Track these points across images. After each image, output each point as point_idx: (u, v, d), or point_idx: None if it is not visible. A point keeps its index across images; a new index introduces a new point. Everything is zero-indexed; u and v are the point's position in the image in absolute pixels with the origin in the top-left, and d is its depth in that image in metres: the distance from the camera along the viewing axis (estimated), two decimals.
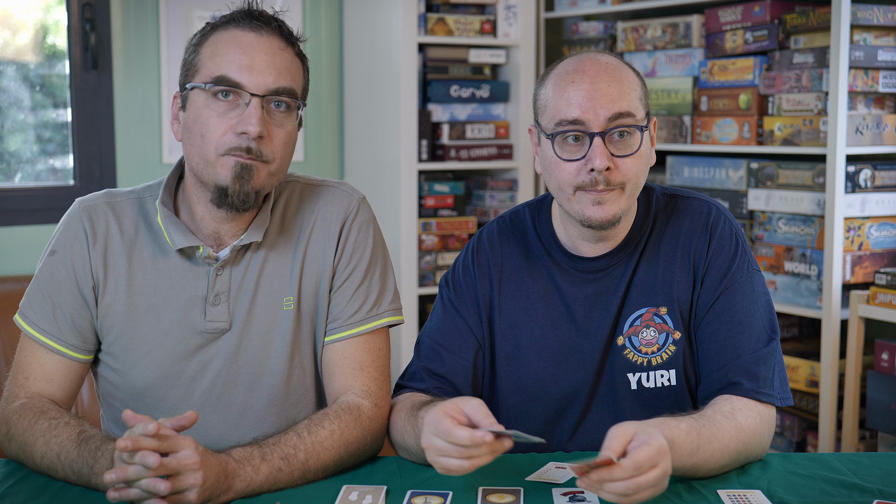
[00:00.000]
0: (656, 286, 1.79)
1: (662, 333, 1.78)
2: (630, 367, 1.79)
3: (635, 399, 1.79)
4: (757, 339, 1.75)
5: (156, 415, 1.76)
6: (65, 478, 1.61)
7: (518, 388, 1.84)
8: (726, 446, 1.63)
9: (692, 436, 1.58)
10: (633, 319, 1.79)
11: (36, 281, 1.80)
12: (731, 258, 1.79)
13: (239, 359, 1.78)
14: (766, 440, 1.72)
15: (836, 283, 3.17)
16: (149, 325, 1.77)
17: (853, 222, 3.19)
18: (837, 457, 1.78)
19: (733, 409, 1.67)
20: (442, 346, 1.84)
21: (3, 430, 1.72)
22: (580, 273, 1.82)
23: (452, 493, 1.58)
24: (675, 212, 1.83)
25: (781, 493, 1.59)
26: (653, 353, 1.78)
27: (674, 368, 1.78)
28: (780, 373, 1.77)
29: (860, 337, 3.16)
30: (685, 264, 1.79)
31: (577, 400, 1.82)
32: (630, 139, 1.72)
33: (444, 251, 3.91)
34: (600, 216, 1.72)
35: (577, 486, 1.48)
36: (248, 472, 1.57)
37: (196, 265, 1.78)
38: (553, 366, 1.81)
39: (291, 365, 1.81)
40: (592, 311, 1.80)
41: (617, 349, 1.80)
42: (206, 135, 1.69)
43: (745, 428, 1.66)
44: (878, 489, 1.61)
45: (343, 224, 1.83)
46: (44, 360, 1.77)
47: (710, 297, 1.78)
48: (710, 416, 1.64)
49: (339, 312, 1.82)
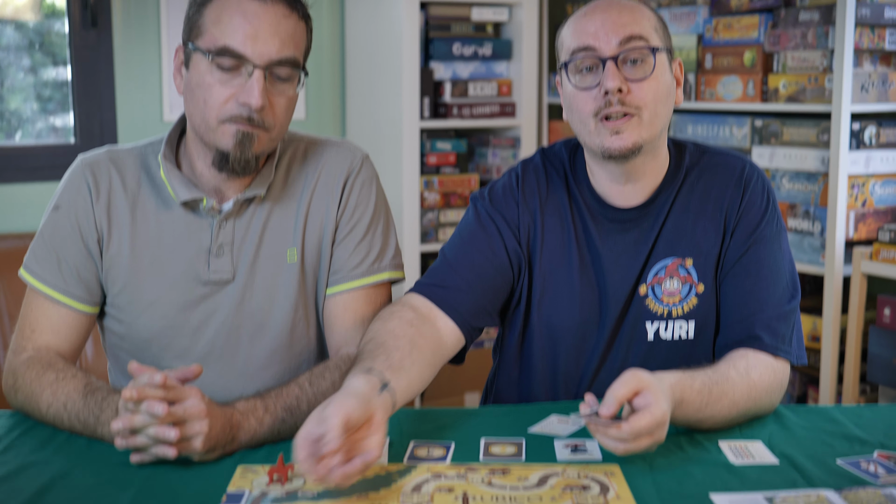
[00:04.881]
0: (684, 238, 1.79)
1: (686, 285, 1.79)
2: (649, 316, 1.79)
3: (650, 351, 1.79)
4: (780, 296, 1.76)
5: (161, 365, 1.78)
6: (70, 428, 1.62)
7: (548, 327, 1.83)
8: (736, 403, 1.63)
9: (703, 394, 1.59)
10: (658, 269, 1.79)
11: (40, 235, 1.80)
12: (763, 213, 1.79)
13: (243, 310, 1.79)
14: (777, 397, 1.72)
15: (840, 239, 3.16)
16: (153, 277, 1.78)
17: (857, 179, 3.18)
18: (839, 409, 1.79)
19: (748, 365, 1.68)
20: (470, 246, 1.81)
21: (9, 382, 1.74)
22: (609, 222, 1.81)
23: (455, 445, 1.59)
24: (709, 166, 1.83)
25: (783, 444, 1.60)
26: (674, 303, 1.79)
27: (693, 320, 1.79)
28: (798, 332, 1.78)
29: (862, 293, 3.17)
30: (716, 217, 1.79)
31: (595, 346, 1.82)
32: (643, 64, 1.71)
33: (446, 208, 3.91)
34: (619, 146, 1.70)
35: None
36: (251, 423, 1.58)
37: (199, 217, 1.78)
38: (580, 309, 1.81)
39: (295, 317, 1.82)
40: (619, 259, 1.80)
41: (639, 298, 1.80)
42: (209, 101, 1.69)
43: (758, 385, 1.67)
44: (878, 441, 1.62)
45: (346, 180, 1.83)
46: (50, 313, 1.78)
47: (738, 251, 1.78)
48: (724, 372, 1.64)
49: (341, 265, 1.82)
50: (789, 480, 1.46)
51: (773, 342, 1.72)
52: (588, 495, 1.39)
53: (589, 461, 1.53)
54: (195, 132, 1.75)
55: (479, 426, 1.68)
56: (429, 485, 1.43)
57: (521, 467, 1.50)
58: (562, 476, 1.46)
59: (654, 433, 1.46)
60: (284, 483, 1.43)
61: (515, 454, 1.55)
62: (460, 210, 3.94)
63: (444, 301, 1.78)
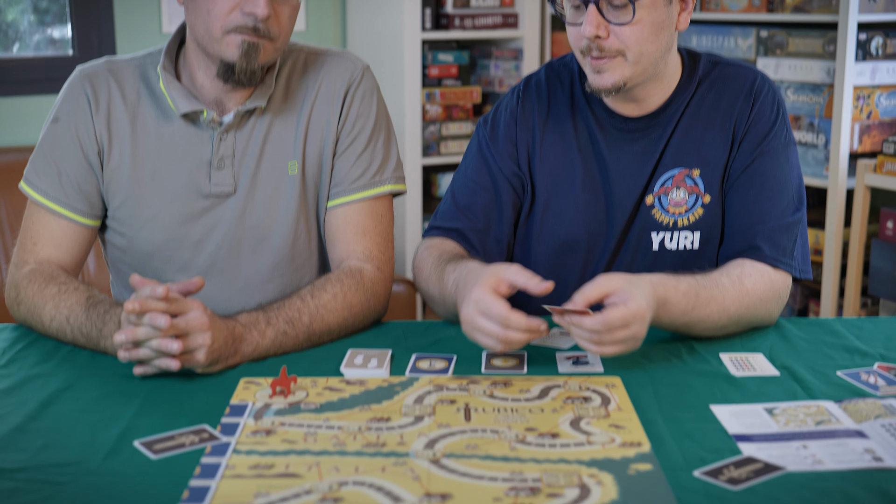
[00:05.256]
0: (692, 148, 1.79)
1: (692, 195, 1.78)
2: (655, 227, 1.79)
3: (655, 260, 1.80)
4: (784, 208, 1.75)
5: (163, 279, 1.78)
6: (73, 341, 1.63)
7: (552, 238, 1.84)
8: (725, 309, 1.64)
9: (689, 296, 1.60)
10: (665, 180, 1.79)
11: (40, 148, 1.79)
12: (771, 125, 1.78)
13: (244, 222, 1.79)
14: (775, 308, 1.72)
15: (844, 152, 3.15)
16: (154, 189, 1.78)
17: (863, 91, 3.15)
18: (840, 321, 1.79)
19: (742, 273, 1.68)
20: (477, 184, 1.85)
21: (12, 295, 1.74)
22: (618, 132, 1.80)
23: (457, 357, 1.59)
24: (720, 77, 1.81)
25: (783, 356, 1.61)
26: (680, 214, 1.78)
27: (698, 231, 1.79)
28: (803, 246, 1.78)
29: (865, 206, 3.16)
30: (725, 127, 1.78)
31: (601, 257, 1.82)
32: (625, 9, 1.67)
33: (447, 121, 3.88)
34: (599, 84, 1.70)
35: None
36: (254, 335, 1.58)
37: (200, 130, 1.77)
38: (583, 219, 1.82)
39: (297, 229, 1.81)
40: (627, 168, 1.80)
41: (645, 208, 1.80)
42: (213, 11, 1.66)
43: (751, 293, 1.67)
44: (879, 353, 1.63)
45: (347, 91, 1.81)
46: (52, 226, 1.77)
47: (744, 161, 1.77)
48: (715, 278, 1.65)
49: (342, 177, 1.81)
50: (789, 392, 1.46)
51: (772, 253, 1.72)
52: (589, 407, 1.40)
53: (590, 373, 1.53)
54: (197, 43, 1.72)
55: None
56: (431, 397, 1.44)
57: (522, 380, 1.51)
58: (563, 388, 1.47)
59: (630, 327, 1.46)
60: (287, 395, 1.44)
61: (517, 366, 1.56)
62: (462, 123, 3.91)
63: (466, 242, 1.82)
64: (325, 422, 1.36)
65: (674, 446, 1.28)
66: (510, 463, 1.23)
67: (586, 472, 1.20)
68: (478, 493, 1.15)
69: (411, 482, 1.18)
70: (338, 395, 1.45)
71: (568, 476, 1.19)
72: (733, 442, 1.29)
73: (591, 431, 1.32)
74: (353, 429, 1.33)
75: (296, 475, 1.20)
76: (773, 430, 1.33)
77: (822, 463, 1.23)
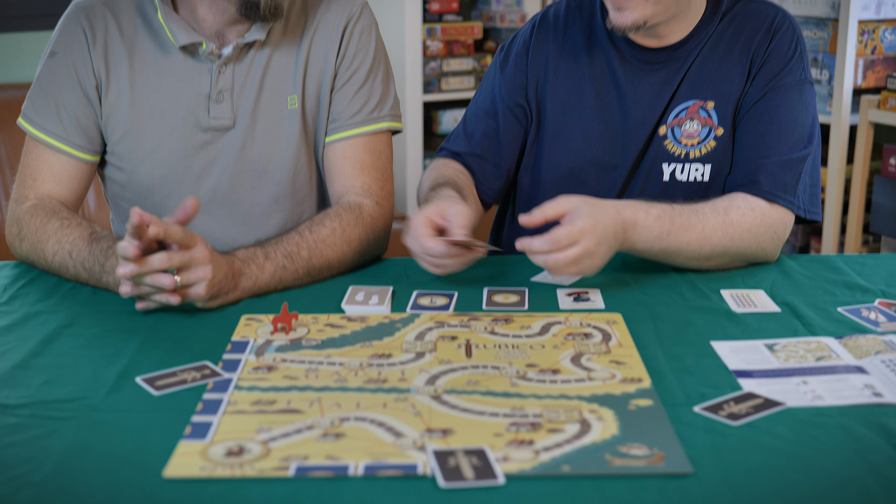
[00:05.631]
0: (708, 80, 1.78)
1: (705, 128, 1.78)
2: (667, 158, 1.79)
3: (665, 191, 1.79)
4: (791, 145, 1.74)
5: (162, 213, 1.77)
6: (76, 276, 1.63)
7: (560, 166, 1.86)
8: (707, 238, 1.64)
9: (662, 221, 1.61)
10: (679, 111, 1.78)
11: (38, 83, 1.78)
12: (787, 61, 1.77)
13: (244, 156, 1.78)
14: (769, 244, 1.72)
15: (847, 87, 3.12)
16: (153, 123, 1.77)
17: (867, 25, 3.12)
18: (842, 258, 1.79)
19: (730, 205, 1.68)
20: (483, 110, 1.90)
21: (14, 231, 1.74)
22: (639, 63, 1.81)
23: (458, 294, 1.59)
24: (742, 13, 1.81)
25: (784, 293, 1.61)
26: (692, 145, 1.78)
27: (710, 164, 1.78)
28: (813, 187, 1.77)
29: (868, 142, 3.14)
30: (742, 61, 1.78)
31: (611, 187, 1.83)
32: None
33: (448, 57, 3.85)
34: (620, 21, 1.71)
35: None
36: (253, 270, 1.58)
37: (199, 62, 1.76)
38: (596, 149, 1.82)
39: (297, 164, 1.81)
40: (643, 98, 1.80)
41: (658, 139, 1.80)
42: None
43: (736, 224, 1.66)
44: (880, 289, 1.63)
45: (346, 26, 1.80)
46: (51, 161, 1.76)
47: (756, 95, 1.76)
48: (698, 207, 1.66)
49: (340, 112, 1.81)
50: (790, 328, 1.47)
51: (770, 188, 1.71)
52: (590, 343, 1.41)
53: (591, 310, 1.54)
54: None
55: (482, 276, 1.68)
56: (432, 333, 1.44)
57: (523, 316, 1.51)
58: (564, 324, 1.48)
59: (580, 243, 1.49)
60: (288, 332, 1.44)
61: (518, 303, 1.56)
62: (463, 59, 3.88)
63: (466, 168, 1.89)
64: (327, 358, 1.36)
65: (674, 382, 1.28)
66: (511, 399, 1.23)
67: (587, 408, 1.21)
68: (478, 429, 1.16)
69: (412, 418, 1.19)
70: (339, 331, 1.45)
71: (568, 412, 1.20)
72: (733, 378, 1.30)
73: (591, 367, 1.32)
74: (354, 365, 1.33)
75: (297, 411, 1.20)
76: (774, 366, 1.33)
77: (822, 399, 1.23)
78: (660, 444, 1.12)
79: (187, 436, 1.14)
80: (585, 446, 1.12)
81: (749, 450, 1.11)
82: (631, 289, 1.62)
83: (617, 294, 1.59)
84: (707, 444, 1.12)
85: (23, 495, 1.03)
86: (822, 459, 1.10)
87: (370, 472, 1.07)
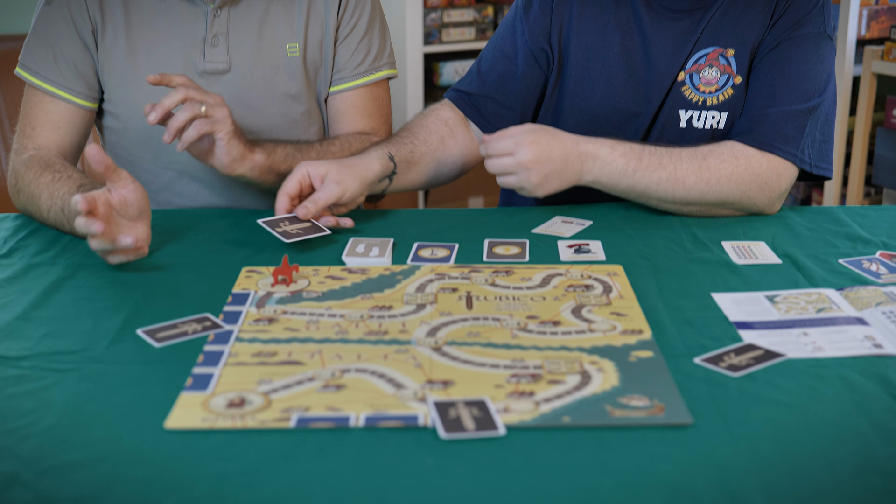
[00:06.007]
0: (729, 28, 1.77)
1: (724, 75, 1.76)
2: (684, 104, 1.78)
3: (681, 138, 1.78)
4: (798, 97, 1.71)
5: (161, 160, 1.78)
6: (72, 231, 1.62)
7: (581, 113, 1.84)
8: (680, 180, 1.66)
9: (629, 158, 1.66)
10: (699, 57, 1.77)
11: (34, 31, 1.77)
12: (808, 12, 1.75)
13: (241, 101, 1.79)
14: (756, 192, 1.69)
15: (851, 38, 3.10)
16: (149, 68, 1.77)
17: None
18: (844, 209, 1.78)
19: (712, 151, 1.68)
20: (502, 52, 1.89)
21: (12, 182, 1.74)
22: (664, 10, 1.79)
23: (458, 246, 1.59)
24: None
25: (786, 244, 1.61)
26: (710, 92, 1.77)
27: (726, 112, 1.77)
28: (822, 142, 1.75)
29: (871, 93, 3.13)
30: (765, 10, 1.76)
31: (633, 135, 1.82)
32: None
33: (449, 8, 3.82)
34: None
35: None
36: (266, 146, 1.69)
37: (194, 6, 1.77)
38: (619, 96, 1.82)
39: (295, 111, 1.83)
40: (668, 47, 1.79)
41: (677, 85, 1.79)
42: None
43: (713, 170, 1.66)
44: (882, 241, 1.62)
45: None
46: (50, 109, 1.76)
47: (772, 43, 1.75)
48: (674, 150, 1.68)
49: (344, 63, 1.85)
50: (791, 280, 1.46)
51: (766, 137, 1.69)
52: (591, 295, 1.41)
53: (592, 262, 1.53)
54: None
55: (483, 228, 1.68)
56: (432, 285, 1.44)
57: (524, 268, 1.51)
58: (565, 276, 1.47)
59: (515, 153, 1.60)
60: (289, 284, 1.44)
61: (519, 255, 1.56)
62: (464, 10, 3.85)
63: (475, 110, 1.88)
64: (327, 310, 1.36)
65: (675, 334, 1.28)
66: (512, 350, 1.24)
67: (587, 360, 1.21)
68: (479, 380, 1.16)
69: (413, 369, 1.19)
70: (339, 283, 1.45)
71: (569, 363, 1.20)
72: (734, 329, 1.30)
73: (592, 319, 1.32)
74: (355, 317, 1.34)
75: (298, 363, 1.21)
76: (774, 318, 1.33)
77: (823, 350, 1.24)
78: (660, 396, 1.12)
79: (188, 387, 1.15)
80: (586, 397, 1.12)
81: (749, 401, 1.12)
82: (632, 241, 1.62)
83: (618, 246, 1.59)
84: (707, 395, 1.13)
85: (25, 446, 1.03)
86: (822, 411, 1.10)
87: (371, 423, 1.07)
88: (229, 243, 1.61)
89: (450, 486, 0.96)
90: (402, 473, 0.98)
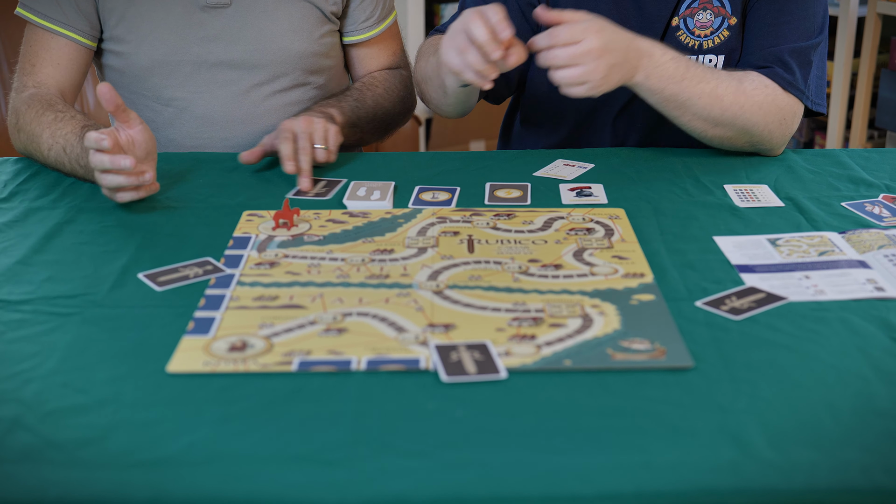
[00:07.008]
0: None
1: (719, 17, 1.74)
2: (681, 50, 1.75)
3: None
4: (802, 34, 1.70)
5: (163, 96, 1.79)
6: (73, 172, 1.62)
7: None
8: (719, 97, 1.62)
9: (679, 63, 1.59)
10: (691, 1, 1.74)
11: None
12: None
13: (243, 36, 1.79)
14: (777, 128, 1.69)
15: None
16: (150, 3, 1.76)
17: None
18: (847, 152, 1.78)
19: (745, 77, 1.65)
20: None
21: (12, 121, 1.73)
22: None
23: (460, 189, 1.59)
24: None
25: (788, 187, 1.60)
26: (706, 36, 1.74)
27: (723, 55, 1.75)
28: (819, 78, 1.74)
29: (876, 35, 3.10)
30: None
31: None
32: None
33: None
34: None
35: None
36: (337, 108, 1.79)
37: None
38: None
39: (297, 47, 1.83)
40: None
41: (671, 31, 1.76)
42: None
43: (749, 95, 1.64)
44: (884, 184, 1.62)
45: None
46: (50, 46, 1.76)
47: None
48: (715, 69, 1.64)
49: (355, 17, 1.91)
50: (793, 223, 1.46)
51: (784, 74, 1.68)
52: (593, 238, 1.40)
53: (594, 205, 1.53)
54: None
55: (485, 171, 1.67)
56: (434, 228, 1.44)
57: (525, 211, 1.50)
58: (567, 219, 1.47)
59: (584, 41, 1.45)
60: (290, 228, 1.44)
61: (520, 198, 1.56)
62: None
63: None
64: (329, 254, 1.36)
65: (676, 277, 1.28)
66: (513, 294, 1.24)
67: (589, 303, 1.21)
68: (481, 324, 1.16)
69: (415, 313, 1.19)
70: (341, 227, 1.45)
71: (570, 306, 1.20)
72: (736, 273, 1.30)
73: (594, 263, 1.32)
74: (356, 260, 1.33)
75: (300, 306, 1.21)
76: (776, 261, 1.33)
77: (824, 293, 1.24)
78: (661, 339, 1.12)
79: (190, 331, 1.15)
80: (587, 341, 1.12)
81: (750, 344, 1.12)
82: (634, 184, 1.61)
83: (620, 189, 1.59)
84: (709, 338, 1.13)
85: (27, 390, 1.03)
86: (824, 354, 1.10)
87: (373, 366, 1.07)
88: (230, 187, 1.61)
89: (451, 429, 0.97)
90: (403, 417, 0.99)
